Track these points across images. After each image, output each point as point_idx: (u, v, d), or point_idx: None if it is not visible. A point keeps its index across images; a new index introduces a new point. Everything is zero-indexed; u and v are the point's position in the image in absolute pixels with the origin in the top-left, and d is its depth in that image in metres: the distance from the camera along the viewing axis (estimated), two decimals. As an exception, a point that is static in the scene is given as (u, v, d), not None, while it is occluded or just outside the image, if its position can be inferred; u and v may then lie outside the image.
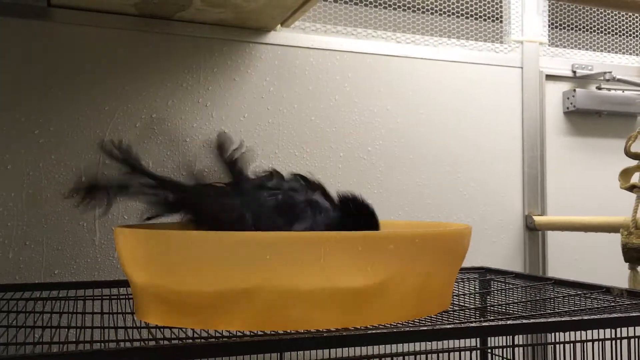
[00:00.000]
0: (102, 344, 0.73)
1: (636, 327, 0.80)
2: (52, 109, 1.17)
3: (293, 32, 1.35)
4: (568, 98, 1.61)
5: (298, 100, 1.34)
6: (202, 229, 0.81)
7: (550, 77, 1.60)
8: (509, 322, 0.70)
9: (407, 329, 0.72)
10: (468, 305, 1.03)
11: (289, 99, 1.34)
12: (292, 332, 0.71)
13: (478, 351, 1.26)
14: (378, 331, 0.70)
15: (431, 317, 0.84)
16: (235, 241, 0.68)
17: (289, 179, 0.88)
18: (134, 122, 1.22)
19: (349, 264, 0.66)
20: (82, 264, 1.17)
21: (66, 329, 0.88)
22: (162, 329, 0.82)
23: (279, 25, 1.31)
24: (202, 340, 0.69)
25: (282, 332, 0.72)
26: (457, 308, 0.95)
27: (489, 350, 1.24)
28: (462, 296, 1.10)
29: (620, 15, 1.70)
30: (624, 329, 0.81)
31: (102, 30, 1.21)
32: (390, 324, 0.76)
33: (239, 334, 0.75)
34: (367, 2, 1.45)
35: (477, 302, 1.12)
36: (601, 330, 0.80)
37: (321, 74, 1.37)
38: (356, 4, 1.43)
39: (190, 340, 0.69)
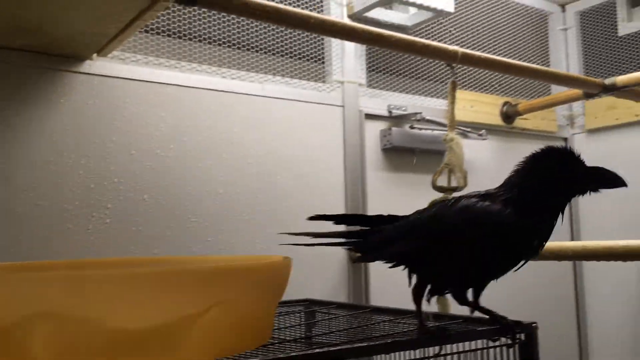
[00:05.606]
0: None
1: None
2: None
3: (112, 61, 1.29)
4: (385, 136, 1.72)
5: (117, 132, 1.28)
6: None
7: (369, 116, 1.71)
8: (316, 350, 0.72)
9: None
10: (288, 337, 1.04)
11: (107, 131, 1.27)
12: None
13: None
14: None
15: (246, 353, 0.83)
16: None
17: None
18: None
19: (143, 302, 0.63)
20: None
21: None
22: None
23: (95, 54, 1.25)
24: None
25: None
26: (276, 341, 0.95)
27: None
28: (285, 329, 1.10)
29: (428, 62, 1.88)
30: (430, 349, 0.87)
31: None
32: (203, 362, 0.73)
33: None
34: (192, 37, 1.44)
35: (301, 334, 1.13)
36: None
37: (142, 106, 1.32)
38: (180, 37, 1.42)
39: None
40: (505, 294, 1.88)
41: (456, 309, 1.36)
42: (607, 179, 0.81)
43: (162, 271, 0.66)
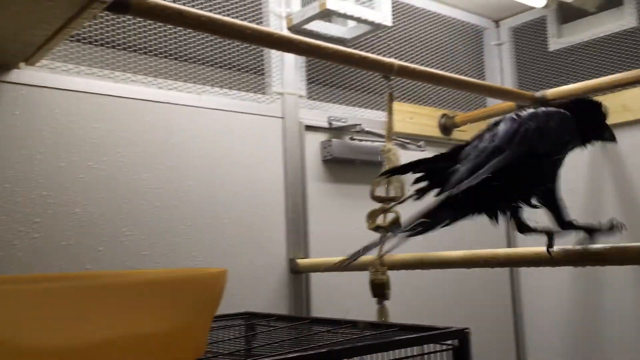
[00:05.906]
0: None
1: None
2: None
3: (40, 71, 1.25)
4: (325, 147, 1.73)
5: (45, 144, 1.24)
6: None
7: (309, 128, 1.71)
8: (248, 361, 0.70)
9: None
10: (225, 351, 1.02)
11: (35, 142, 1.23)
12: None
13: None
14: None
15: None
16: None
17: None
18: None
19: (59, 319, 0.60)
20: None
21: None
22: None
23: (23, 63, 1.20)
24: None
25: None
26: (211, 355, 0.93)
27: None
28: (222, 342, 1.08)
29: (367, 74, 1.90)
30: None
31: None
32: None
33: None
34: (127, 47, 1.41)
35: (239, 347, 1.11)
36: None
37: (73, 116, 1.28)
38: (114, 47, 1.39)
39: None
40: (442, 299, 1.92)
41: (394, 317, 1.37)
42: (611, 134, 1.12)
43: (81, 286, 0.64)
